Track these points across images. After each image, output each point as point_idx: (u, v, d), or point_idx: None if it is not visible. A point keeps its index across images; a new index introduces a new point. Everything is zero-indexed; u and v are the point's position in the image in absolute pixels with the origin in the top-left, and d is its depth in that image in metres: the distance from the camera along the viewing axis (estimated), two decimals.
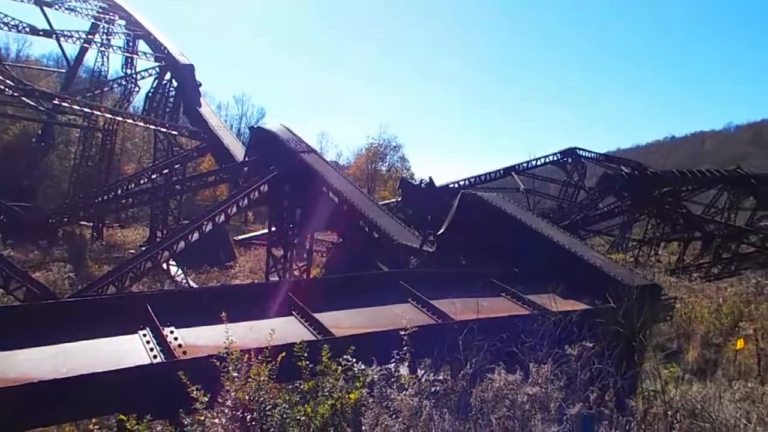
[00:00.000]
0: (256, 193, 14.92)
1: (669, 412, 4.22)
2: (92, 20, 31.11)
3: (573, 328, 5.05)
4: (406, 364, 5.09)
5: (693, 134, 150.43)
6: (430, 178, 28.64)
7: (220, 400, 4.02)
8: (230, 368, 4.19)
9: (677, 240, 30.93)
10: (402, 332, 5.06)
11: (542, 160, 36.68)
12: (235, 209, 15.45)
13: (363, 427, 4.23)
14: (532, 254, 7.98)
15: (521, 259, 8.14)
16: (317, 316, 6.00)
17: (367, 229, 12.23)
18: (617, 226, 32.13)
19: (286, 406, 4.31)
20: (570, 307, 6.33)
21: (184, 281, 18.79)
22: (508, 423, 4.08)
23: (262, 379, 4.23)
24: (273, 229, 16.96)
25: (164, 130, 27.28)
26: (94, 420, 4.41)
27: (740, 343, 8.00)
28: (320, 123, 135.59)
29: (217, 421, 3.90)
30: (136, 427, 3.88)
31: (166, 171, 26.01)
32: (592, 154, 37.78)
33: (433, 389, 4.80)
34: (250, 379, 4.20)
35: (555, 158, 36.86)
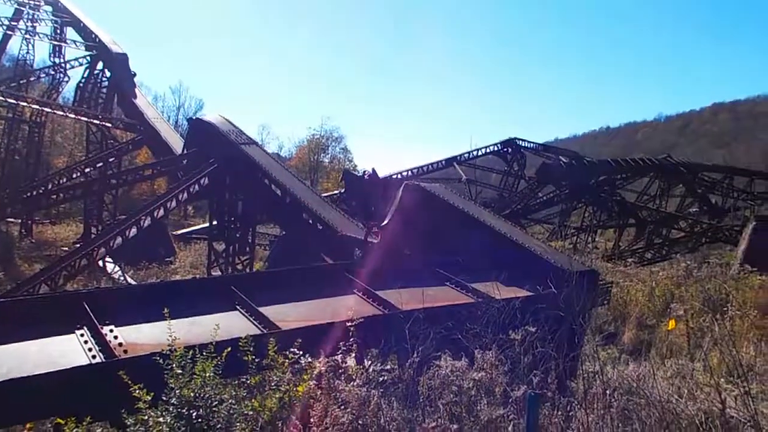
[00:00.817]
0: (196, 187, 14.60)
1: (607, 392, 4.38)
2: (15, 5, 29.44)
3: (516, 314, 5.16)
4: (354, 354, 5.10)
5: (627, 125, 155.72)
6: (373, 170, 28.69)
7: (164, 399, 3.93)
8: (174, 365, 4.10)
9: (613, 227, 31.98)
10: (348, 323, 5.07)
11: (483, 150, 37.30)
12: (174, 203, 15.10)
13: (311, 419, 4.22)
14: (475, 243, 8.10)
15: (464, 248, 8.26)
16: (262, 309, 5.94)
17: (310, 221, 12.15)
18: (556, 214, 32.98)
19: (233, 402, 4.25)
20: (512, 294, 6.47)
21: (122, 278, 18.24)
22: (455, 408, 4.14)
23: (207, 375, 4.15)
24: (214, 222, 16.63)
25: (97, 121, 26.20)
26: (29, 425, 4.23)
27: (671, 324, 8.35)
28: (261, 115, 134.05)
29: (161, 419, 3.81)
30: (75, 430, 3.76)
31: (101, 164, 25.08)
32: (532, 145, 38.65)
33: (381, 379, 4.83)
34: (195, 376, 4.12)
35: (495, 149, 37.52)
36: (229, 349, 4.46)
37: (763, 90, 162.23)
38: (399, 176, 30.91)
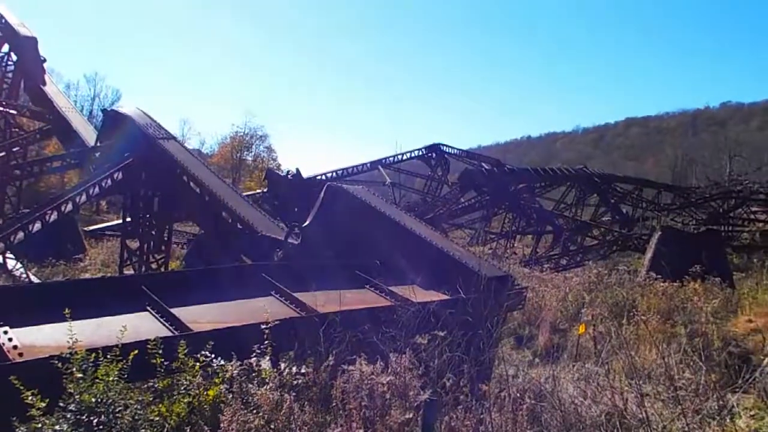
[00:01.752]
0: (109, 181, 13.94)
1: (518, 394, 4.48)
2: None
3: (432, 318, 5.21)
4: (268, 357, 5.00)
5: (547, 135, 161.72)
6: (297, 170, 28.44)
7: (62, 405, 3.72)
8: (74, 369, 3.89)
9: (531, 233, 32.91)
10: (263, 326, 4.96)
11: (408, 154, 37.69)
12: (84, 197, 14.34)
13: (221, 424, 4.10)
14: (396, 246, 8.13)
15: (385, 251, 8.27)
16: (174, 310, 5.72)
17: (230, 220, 11.88)
18: (478, 219, 33.66)
19: (139, 407, 4.08)
20: (430, 298, 6.52)
21: (24, 276, 17.22)
22: (368, 412, 4.13)
23: (111, 379, 3.97)
24: (128, 219, 15.98)
25: (0, 108, 24.67)
26: None
27: (582, 328, 8.64)
28: (182, 109, 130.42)
29: (58, 427, 3.60)
30: None
31: (3, 154, 23.61)
32: (455, 151, 39.37)
33: (295, 382, 4.75)
34: (97, 380, 3.92)
35: (420, 153, 38.00)
36: (136, 351, 4.28)
37: (671, 107, 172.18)
38: (323, 177, 30.76)
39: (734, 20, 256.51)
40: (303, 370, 5.05)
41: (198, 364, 4.48)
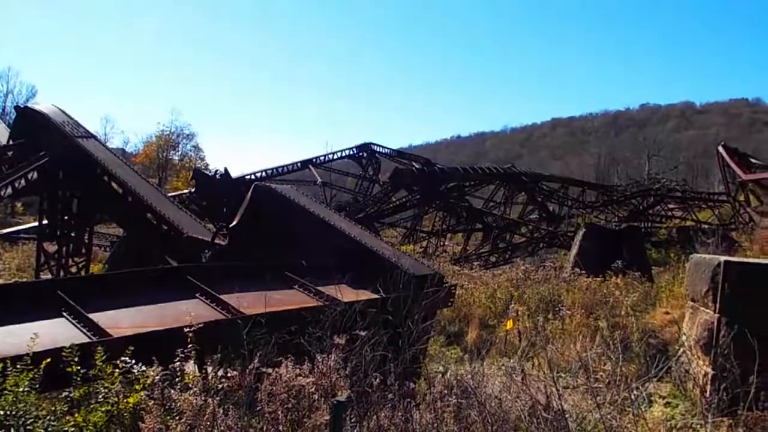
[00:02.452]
0: (23, 182, 13.26)
1: (445, 391, 4.52)
2: None
3: (360, 318, 5.19)
4: (192, 362, 4.86)
5: (476, 134, 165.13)
6: (226, 169, 27.87)
7: None
8: None
9: (461, 231, 33.41)
10: (187, 329, 4.82)
11: (339, 153, 37.64)
12: None
13: None
14: (325, 246, 8.08)
15: (314, 250, 8.20)
16: (93, 316, 5.49)
17: (154, 221, 11.51)
18: (409, 218, 33.91)
19: (52, 418, 3.88)
20: (359, 297, 6.51)
21: None
22: (295, 414, 4.07)
23: (20, 390, 3.76)
24: (45, 221, 15.26)
25: None
26: None
27: (509, 324, 8.82)
28: (104, 106, 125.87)
29: None
30: None
31: None
32: (386, 150, 39.58)
33: (220, 386, 4.64)
34: (6, 392, 3.71)
35: (351, 152, 38.03)
36: (49, 359, 4.08)
37: (595, 108, 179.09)
38: (253, 177, 30.30)
39: (652, 25, 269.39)
40: (228, 373, 4.94)
41: (117, 370, 4.31)
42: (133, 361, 4.44)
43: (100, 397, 4.27)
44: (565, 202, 35.28)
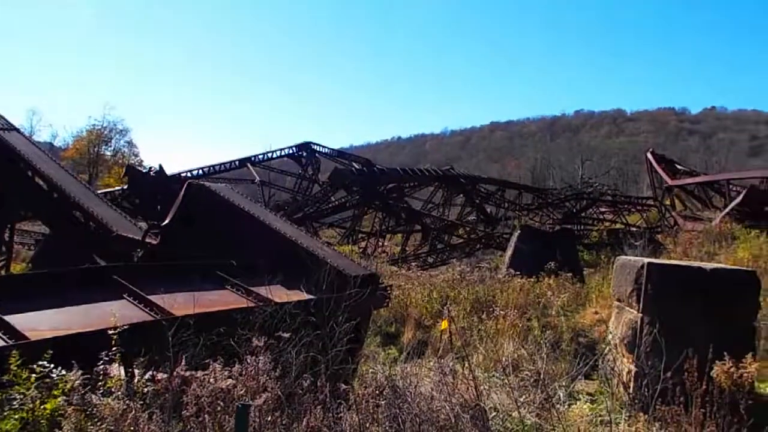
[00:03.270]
0: None
1: (377, 392, 4.50)
2: None
3: (293, 318, 5.12)
4: (117, 365, 4.68)
5: (416, 136, 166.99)
6: (160, 166, 27.12)
7: None
8: None
9: (401, 232, 33.63)
10: (112, 331, 4.63)
11: (278, 152, 37.22)
12: None
13: None
14: (260, 245, 7.95)
15: (249, 250, 8.06)
16: (10, 318, 5.21)
17: (82, 219, 11.06)
18: (348, 218, 33.88)
19: None
20: (294, 298, 6.43)
21: None
22: (222, 417, 3.97)
23: None
24: None
25: None
26: None
27: (444, 325, 8.89)
28: (30, 98, 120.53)
29: None
30: None
31: None
32: (326, 150, 39.40)
33: (145, 390, 4.48)
34: None
35: (291, 152, 37.67)
36: None
37: (532, 113, 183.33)
38: (189, 175, 29.63)
39: (587, 34, 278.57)
40: (155, 377, 4.78)
41: (34, 375, 4.10)
42: (53, 366, 4.23)
43: (15, 403, 4.06)
44: (502, 204, 36.00)
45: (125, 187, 28.08)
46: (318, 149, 38.27)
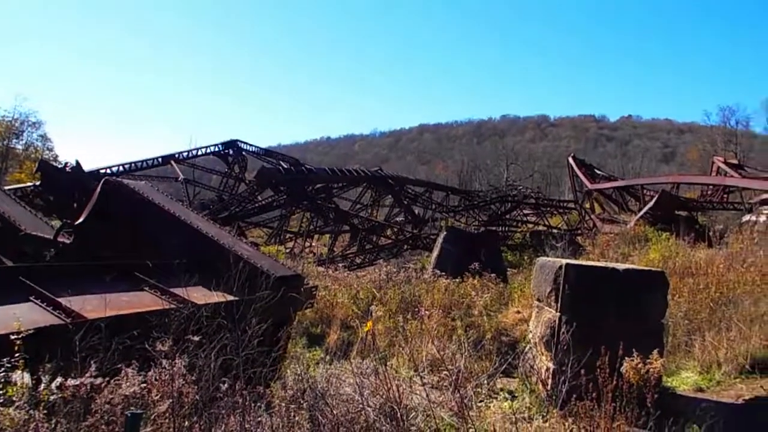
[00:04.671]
0: None
1: (299, 394, 4.44)
2: None
3: (211, 320, 4.98)
4: (20, 372, 4.40)
5: (346, 136, 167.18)
6: (77, 162, 25.87)
7: None
8: None
9: (329, 233, 33.52)
10: (14, 336, 4.36)
11: (204, 150, 36.37)
12: None
13: None
14: (181, 245, 7.70)
15: (169, 250, 7.79)
16: None
17: None
18: (276, 218, 33.45)
19: None
20: (214, 299, 6.25)
21: None
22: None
23: None
24: None
25: None
26: None
27: (368, 325, 8.89)
28: None
29: None
30: None
31: None
32: (254, 148, 38.78)
33: (51, 397, 4.23)
34: None
35: (217, 149, 36.88)
36: None
37: (460, 117, 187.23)
38: (109, 171, 28.47)
39: (514, 41, 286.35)
40: (63, 383, 4.53)
41: None
42: None
43: None
44: (429, 206, 36.47)
45: (38, 183, 26.63)
46: (245, 147, 37.61)
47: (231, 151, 36.82)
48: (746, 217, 25.26)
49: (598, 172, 42.44)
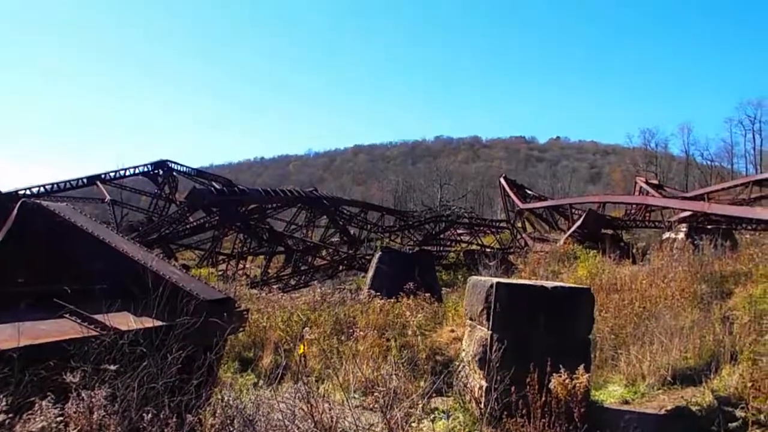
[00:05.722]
0: None
1: (228, 421, 4.30)
2: None
3: (134, 348, 4.77)
4: None
5: (280, 157, 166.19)
6: None
7: None
8: None
9: (263, 254, 33.00)
10: None
11: (132, 170, 35.28)
12: None
13: None
14: (105, 269, 7.39)
15: (93, 275, 7.46)
16: None
17: None
18: (208, 240, 32.70)
19: None
20: (140, 325, 6.01)
21: None
22: None
23: None
24: None
25: None
26: None
27: (302, 348, 8.77)
28: None
29: None
30: None
31: None
32: (185, 168, 37.92)
33: None
34: None
35: (146, 169, 35.86)
36: None
37: (394, 138, 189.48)
38: (29, 192, 27.21)
39: (447, 63, 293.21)
40: None
41: None
42: None
43: None
44: (365, 226, 36.49)
45: None
46: (175, 168, 36.72)
47: (161, 172, 35.88)
48: (666, 235, 26.53)
49: (529, 191, 43.71)
